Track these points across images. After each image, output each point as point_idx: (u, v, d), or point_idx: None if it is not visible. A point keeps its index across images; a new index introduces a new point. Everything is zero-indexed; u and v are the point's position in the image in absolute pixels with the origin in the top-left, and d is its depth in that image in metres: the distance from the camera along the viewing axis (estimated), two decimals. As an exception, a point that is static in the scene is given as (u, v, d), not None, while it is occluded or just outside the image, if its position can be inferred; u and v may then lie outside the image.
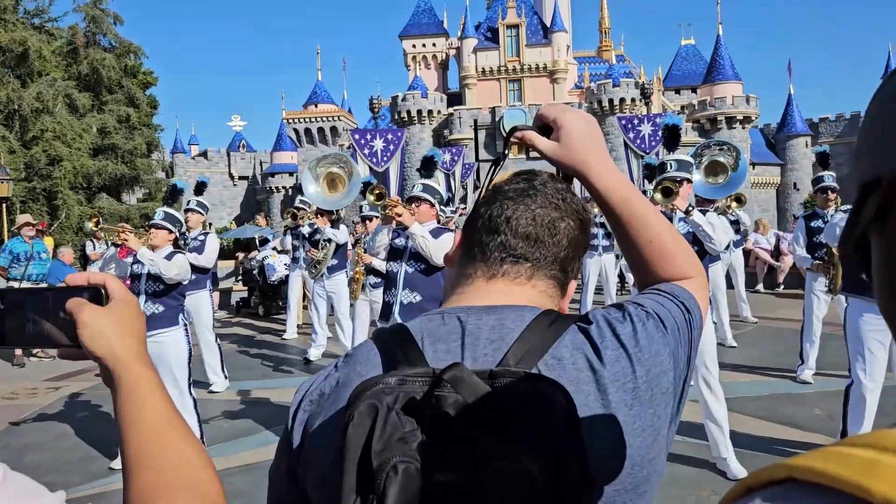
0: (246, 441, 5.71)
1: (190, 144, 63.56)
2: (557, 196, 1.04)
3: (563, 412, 0.76)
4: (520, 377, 0.79)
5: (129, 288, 5.26)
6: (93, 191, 28.29)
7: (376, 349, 0.96)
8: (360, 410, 0.77)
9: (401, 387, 0.80)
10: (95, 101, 28.74)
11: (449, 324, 0.95)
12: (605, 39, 55.43)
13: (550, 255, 1.01)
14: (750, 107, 46.37)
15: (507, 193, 1.04)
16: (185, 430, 0.84)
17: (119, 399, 0.82)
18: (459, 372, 0.77)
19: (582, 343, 0.92)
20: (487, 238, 1.02)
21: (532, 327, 0.92)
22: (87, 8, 29.21)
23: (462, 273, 1.05)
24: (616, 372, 0.91)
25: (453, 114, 46.78)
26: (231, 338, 10.76)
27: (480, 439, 0.74)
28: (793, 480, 0.41)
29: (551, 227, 1.01)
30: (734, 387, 6.69)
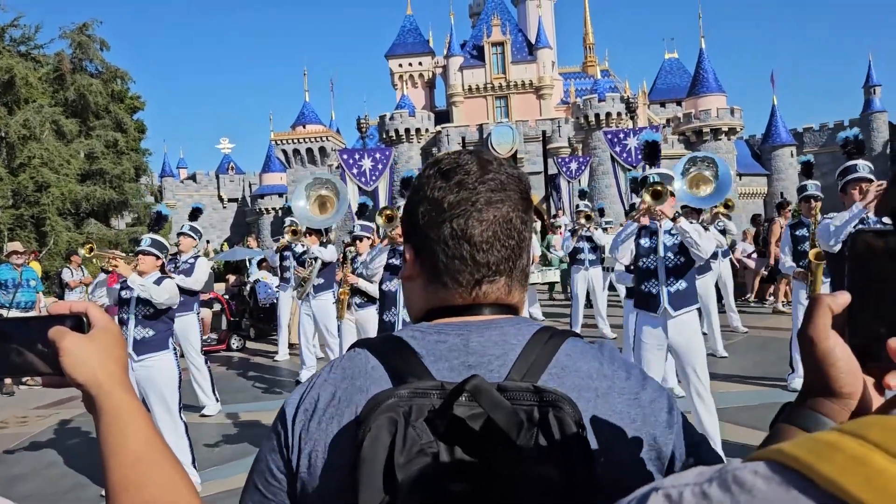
0: (239, 465, 5.66)
1: (178, 168, 63.43)
2: (493, 180, 0.97)
3: (571, 420, 0.79)
4: (528, 390, 0.81)
5: (118, 313, 5.24)
6: (81, 216, 28.19)
7: (375, 361, 0.94)
8: (377, 424, 0.78)
9: (413, 399, 0.81)
10: (83, 126, 28.72)
11: (448, 341, 0.94)
12: (590, 55, 55.92)
13: (516, 256, 0.98)
14: (734, 118, 46.79)
15: (450, 206, 0.96)
16: (168, 455, 0.84)
17: (102, 425, 0.83)
18: (480, 383, 0.79)
19: (582, 351, 0.95)
20: (453, 264, 0.96)
21: (532, 342, 0.93)
22: (74, 34, 29.27)
23: (436, 295, 0.99)
24: (618, 380, 0.94)
25: (441, 132, 46.98)
26: (222, 360, 10.71)
27: (496, 449, 0.77)
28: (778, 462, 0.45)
29: (507, 227, 0.97)
30: (725, 397, 6.72)
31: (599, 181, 39.80)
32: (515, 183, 0.99)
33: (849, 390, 0.72)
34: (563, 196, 26.41)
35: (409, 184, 5.48)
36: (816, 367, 0.73)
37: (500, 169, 0.99)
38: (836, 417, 0.72)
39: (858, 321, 0.71)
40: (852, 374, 0.72)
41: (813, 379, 0.75)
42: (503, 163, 1.01)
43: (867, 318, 0.71)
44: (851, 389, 0.72)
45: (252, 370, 9.96)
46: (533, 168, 43.21)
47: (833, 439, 0.44)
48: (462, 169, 0.98)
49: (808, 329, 0.73)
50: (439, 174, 0.99)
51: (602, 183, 39.59)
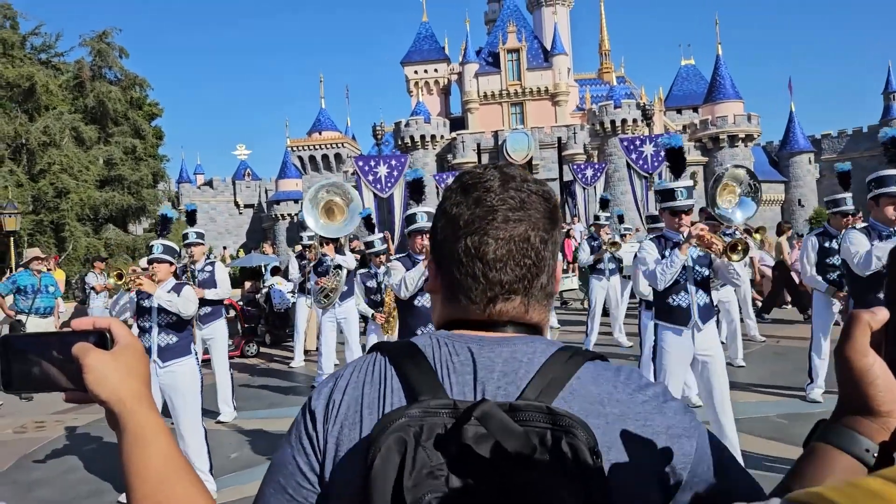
0: (255, 472, 5.67)
1: (195, 174, 64.03)
2: (514, 198, 0.96)
3: (586, 447, 0.77)
4: (542, 411, 0.79)
5: (139, 322, 5.26)
6: (99, 222, 28.50)
7: (392, 371, 0.94)
8: (387, 445, 0.77)
9: (424, 419, 0.80)
10: (102, 133, 29.06)
11: (461, 354, 0.93)
12: (606, 61, 55.84)
13: (532, 276, 0.96)
14: (751, 125, 46.52)
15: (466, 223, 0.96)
16: (189, 473, 0.86)
17: (124, 443, 0.84)
18: (488, 408, 0.77)
19: (595, 374, 0.93)
20: (466, 282, 0.96)
21: (552, 361, 0.92)
22: (93, 42, 29.64)
23: (454, 309, 1.00)
24: (633, 405, 0.91)
25: (456, 138, 47.05)
26: (237, 366, 10.75)
27: (509, 473, 0.75)
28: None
29: (524, 245, 0.95)
30: (743, 407, 6.65)
31: (615, 188, 39.66)
32: (539, 202, 0.98)
33: (888, 408, 0.71)
34: (579, 203, 26.34)
35: (417, 187, 5.41)
36: (854, 384, 0.72)
37: (522, 186, 0.97)
38: (874, 436, 0.72)
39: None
40: (891, 391, 0.71)
41: (849, 396, 0.74)
42: (528, 179, 1.00)
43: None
44: (890, 407, 0.71)
45: (267, 376, 9.99)
46: (548, 175, 43.16)
47: (877, 488, 0.42)
48: (482, 185, 0.97)
49: (846, 346, 0.72)
50: (460, 189, 0.99)
51: (618, 190, 39.45)
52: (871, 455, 0.72)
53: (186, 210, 8.06)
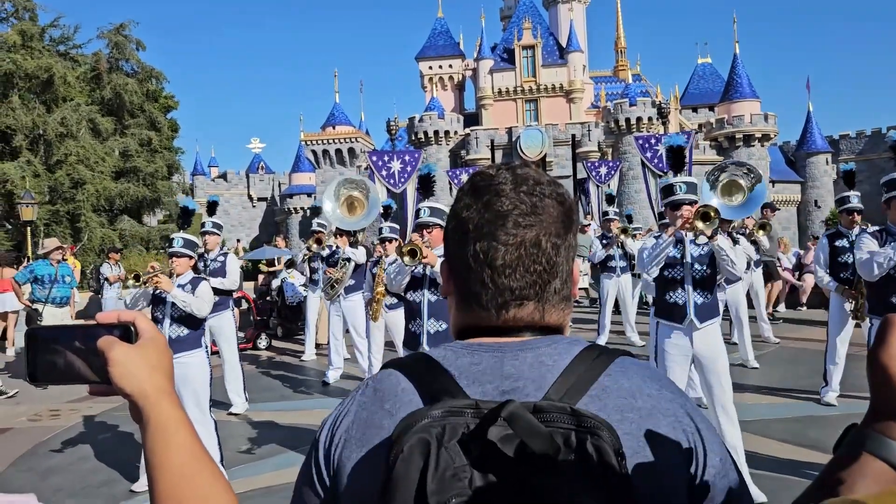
0: (266, 463, 5.71)
1: (210, 167, 64.36)
2: (525, 202, 0.93)
3: (611, 449, 0.76)
4: (566, 412, 0.78)
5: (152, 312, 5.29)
6: (115, 213, 28.73)
7: (406, 383, 0.93)
8: (410, 444, 0.76)
9: (446, 419, 0.79)
10: (118, 125, 29.27)
11: (482, 363, 0.91)
12: (622, 59, 55.56)
13: (544, 282, 0.94)
14: (768, 124, 46.17)
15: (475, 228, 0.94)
16: (211, 467, 0.86)
17: (148, 437, 0.85)
18: (515, 409, 0.76)
19: (624, 368, 0.92)
20: (476, 287, 0.94)
21: (577, 361, 0.91)
22: (111, 34, 29.84)
23: (468, 314, 0.98)
24: (662, 401, 0.91)
25: (470, 134, 46.99)
26: (249, 359, 10.81)
27: (533, 476, 0.74)
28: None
29: (534, 251, 0.93)
30: (756, 409, 6.61)
31: (629, 186, 39.50)
32: (553, 205, 0.95)
33: None
34: (592, 201, 26.23)
35: (428, 182, 5.40)
36: (888, 389, 0.71)
37: (535, 189, 0.94)
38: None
39: None
40: None
41: (883, 401, 0.73)
42: (542, 181, 0.96)
43: None
44: None
45: (279, 369, 10.03)
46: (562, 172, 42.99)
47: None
48: (494, 188, 0.95)
49: (880, 351, 0.71)
50: (471, 191, 0.97)
51: (632, 188, 39.28)
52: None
53: (208, 201, 8.14)
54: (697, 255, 4.81)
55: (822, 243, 7.07)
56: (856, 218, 6.91)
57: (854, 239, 6.66)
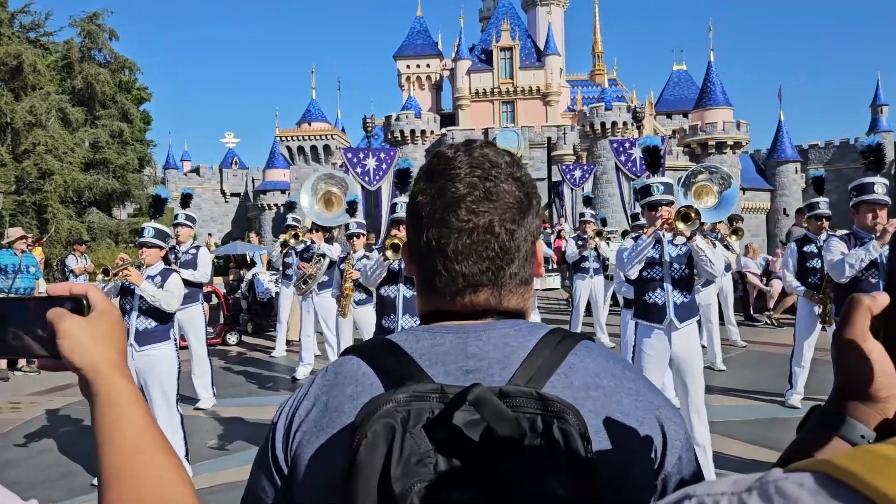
0: (231, 458, 5.65)
1: (182, 160, 63.54)
2: (479, 187, 0.91)
3: (577, 433, 0.76)
4: (532, 396, 0.78)
5: (120, 303, 5.19)
6: (83, 205, 28.25)
7: (367, 367, 0.91)
8: (374, 430, 0.75)
9: (410, 404, 0.77)
10: (88, 115, 28.78)
11: (445, 344, 0.90)
12: (598, 63, 55.98)
13: (497, 268, 0.92)
14: (740, 132, 46.83)
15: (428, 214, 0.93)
16: (163, 444, 0.83)
17: (97, 411, 0.81)
18: (482, 392, 0.75)
19: (588, 349, 0.93)
20: (431, 274, 0.93)
21: (541, 345, 0.90)
22: (83, 23, 29.34)
23: (429, 299, 0.97)
24: (626, 381, 0.91)
25: (446, 134, 47.00)
26: (218, 354, 10.68)
27: (499, 461, 0.73)
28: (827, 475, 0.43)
29: (487, 237, 0.91)
30: (722, 410, 6.69)
31: (603, 190, 39.81)
32: (510, 189, 0.92)
33: (885, 394, 0.70)
34: (566, 203, 26.39)
35: (406, 176, 5.38)
36: (852, 369, 0.71)
37: (489, 173, 0.92)
38: (870, 422, 0.71)
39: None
40: (889, 377, 0.70)
41: (847, 381, 0.73)
42: (499, 164, 0.93)
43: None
44: (888, 393, 0.70)
45: (248, 365, 9.94)
46: (537, 174, 43.12)
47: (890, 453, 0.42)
48: (448, 173, 0.92)
49: (846, 330, 0.71)
50: (427, 176, 0.96)
51: (605, 192, 39.60)
52: (867, 441, 0.71)
53: (182, 193, 8.06)
54: (676, 254, 4.85)
55: (791, 248, 7.21)
56: (824, 224, 7.06)
57: (821, 245, 6.81)
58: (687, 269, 4.85)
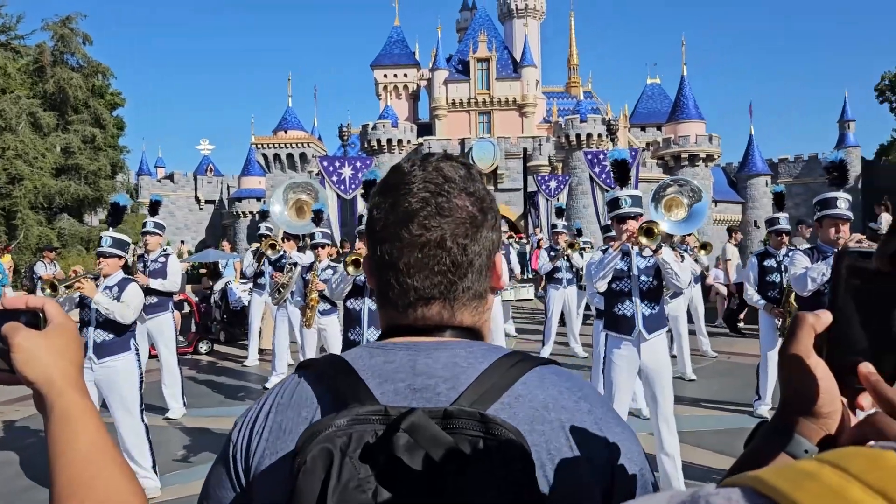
0: (200, 470, 5.57)
1: (156, 167, 62.82)
2: (431, 203, 0.91)
3: (518, 455, 0.75)
4: (475, 418, 0.77)
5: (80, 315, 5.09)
6: (54, 211, 27.83)
7: (318, 387, 0.90)
8: (312, 455, 0.74)
9: (352, 427, 0.76)
10: (60, 120, 28.39)
11: (395, 361, 0.90)
12: (574, 76, 56.48)
13: (449, 282, 0.92)
14: (712, 146, 47.48)
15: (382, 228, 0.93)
16: (118, 459, 0.82)
17: (51, 426, 0.81)
18: (417, 419, 0.74)
19: (541, 378, 0.90)
20: (385, 287, 0.94)
21: (492, 368, 0.88)
22: (56, 27, 28.98)
23: (384, 312, 0.98)
24: (578, 413, 0.89)
25: (423, 144, 47.05)
26: (189, 363, 10.56)
27: (438, 484, 0.73)
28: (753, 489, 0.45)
29: (438, 251, 0.91)
30: (692, 420, 6.77)
31: (578, 201, 40.09)
32: (464, 204, 0.93)
33: (827, 410, 0.72)
34: (542, 214, 26.54)
35: (370, 187, 5.35)
36: (797, 386, 0.73)
37: (442, 188, 0.92)
38: (813, 437, 0.72)
39: (839, 341, 0.72)
40: (831, 393, 0.72)
41: (791, 397, 0.74)
42: (454, 178, 0.94)
43: (847, 339, 0.71)
44: (830, 409, 0.72)
45: (219, 375, 9.83)
46: (513, 185, 43.41)
47: (813, 469, 0.43)
48: (402, 187, 0.93)
49: (791, 347, 0.73)
50: (382, 190, 0.96)
51: (580, 203, 39.87)
52: (810, 456, 0.73)
53: (151, 200, 7.89)
54: (644, 266, 4.90)
55: (751, 262, 7.38)
56: (784, 239, 7.28)
57: (781, 259, 6.97)
58: (655, 281, 4.90)
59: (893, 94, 45.65)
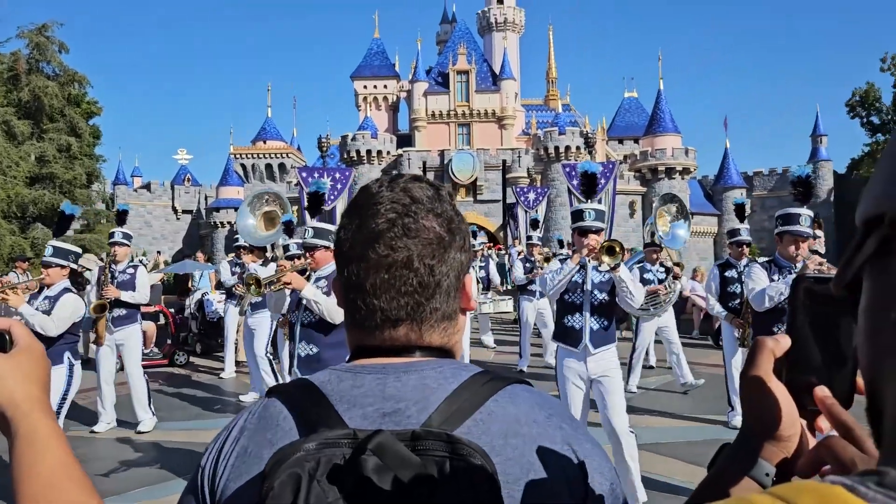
0: (173, 485, 5.49)
1: (133, 176, 62.14)
2: (398, 224, 0.92)
3: (484, 476, 0.75)
4: (442, 439, 0.77)
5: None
6: (27, 220, 27.44)
7: (287, 411, 0.90)
8: (280, 480, 0.74)
9: (321, 451, 0.76)
10: (35, 128, 28.05)
11: (364, 385, 0.89)
12: (552, 89, 56.91)
13: (416, 303, 0.92)
14: (689, 159, 48.02)
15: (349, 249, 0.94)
16: (83, 481, 0.82)
17: (16, 448, 0.80)
18: (383, 439, 0.74)
19: (512, 395, 0.91)
20: (352, 308, 0.94)
21: (462, 388, 0.89)
22: (32, 35, 28.67)
23: (353, 333, 0.97)
24: (549, 428, 0.89)
25: (402, 155, 47.10)
26: (164, 375, 10.45)
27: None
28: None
29: (405, 272, 0.91)
30: (666, 432, 6.82)
31: (556, 213, 40.30)
32: (432, 226, 0.93)
33: (788, 433, 0.73)
34: (520, 225, 26.67)
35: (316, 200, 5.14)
36: (757, 409, 0.74)
37: (409, 209, 0.92)
38: (774, 460, 0.74)
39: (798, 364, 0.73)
40: (791, 416, 0.73)
41: (753, 420, 0.76)
42: (421, 199, 0.94)
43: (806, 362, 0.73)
44: (790, 432, 0.74)
45: (195, 387, 9.73)
46: (492, 196, 43.58)
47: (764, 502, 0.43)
48: (370, 209, 0.93)
49: (751, 370, 0.74)
50: (350, 211, 0.96)
51: (558, 214, 40.09)
52: (771, 479, 0.74)
53: (118, 210, 7.78)
54: (598, 281, 4.94)
55: (713, 273, 7.53)
56: (744, 250, 7.44)
57: (742, 270, 7.06)
58: (608, 296, 4.92)
59: (864, 109, 46.53)
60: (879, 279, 0.48)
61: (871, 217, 0.48)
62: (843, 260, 0.51)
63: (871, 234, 0.48)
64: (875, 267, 0.49)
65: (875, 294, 0.49)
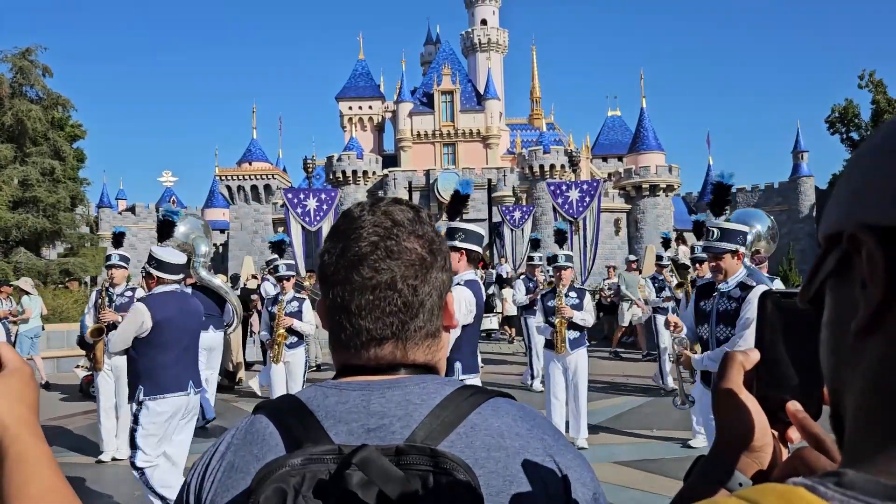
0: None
1: (117, 199, 61.86)
2: (381, 247, 0.94)
3: (466, 490, 0.76)
4: (426, 453, 0.79)
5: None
6: (10, 244, 27.18)
7: (273, 428, 0.92)
8: (266, 496, 0.75)
9: (307, 467, 0.78)
10: (18, 152, 27.88)
11: (348, 402, 0.91)
12: (537, 108, 57.37)
13: (401, 322, 0.94)
14: (672, 176, 48.45)
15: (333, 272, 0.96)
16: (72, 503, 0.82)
17: (5, 470, 0.80)
18: (368, 454, 0.76)
19: (495, 408, 0.93)
20: (337, 328, 0.96)
21: (445, 402, 0.90)
22: (15, 59, 28.58)
23: (338, 353, 0.99)
24: (533, 440, 0.91)
25: (388, 175, 47.23)
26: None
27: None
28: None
29: (389, 293, 0.93)
30: (653, 448, 6.82)
31: (542, 231, 40.41)
32: (412, 247, 0.95)
33: (760, 444, 0.76)
34: (507, 244, 26.77)
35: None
36: (730, 421, 0.77)
37: (391, 232, 0.95)
38: (747, 471, 0.76)
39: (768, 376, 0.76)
40: (763, 428, 0.76)
41: (726, 433, 0.78)
42: (402, 222, 0.96)
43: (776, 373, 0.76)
44: (762, 443, 0.76)
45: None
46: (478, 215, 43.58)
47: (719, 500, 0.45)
48: (353, 232, 0.95)
49: (723, 384, 0.77)
50: (333, 235, 0.99)
51: (545, 233, 40.14)
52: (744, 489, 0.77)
53: (114, 233, 7.70)
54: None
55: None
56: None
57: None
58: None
59: (843, 125, 47.22)
60: (840, 294, 0.51)
61: (831, 234, 0.51)
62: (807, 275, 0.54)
63: (832, 250, 0.51)
64: (836, 282, 0.51)
65: (836, 308, 0.52)
